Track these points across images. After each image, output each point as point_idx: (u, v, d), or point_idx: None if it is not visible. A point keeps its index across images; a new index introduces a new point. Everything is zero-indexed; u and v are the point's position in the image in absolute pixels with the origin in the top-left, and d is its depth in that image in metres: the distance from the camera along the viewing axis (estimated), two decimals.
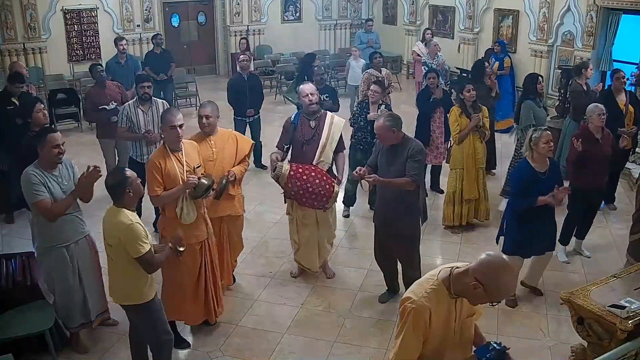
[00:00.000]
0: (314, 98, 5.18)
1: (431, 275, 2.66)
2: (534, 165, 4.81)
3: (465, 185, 6.34)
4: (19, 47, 11.65)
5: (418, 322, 2.54)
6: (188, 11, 14.21)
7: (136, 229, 3.59)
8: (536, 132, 4.81)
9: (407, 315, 2.55)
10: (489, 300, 2.53)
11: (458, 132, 6.21)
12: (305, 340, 4.71)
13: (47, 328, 4.17)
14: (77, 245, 4.34)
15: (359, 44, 12.62)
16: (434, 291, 2.57)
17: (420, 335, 2.56)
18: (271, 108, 11.12)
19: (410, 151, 4.57)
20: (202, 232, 4.44)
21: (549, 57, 11.21)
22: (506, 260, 2.57)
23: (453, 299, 2.61)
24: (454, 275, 2.58)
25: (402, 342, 2.57)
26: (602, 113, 5.58)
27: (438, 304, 2.57)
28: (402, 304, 2.61)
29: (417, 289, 2.61)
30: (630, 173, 7.81)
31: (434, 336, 2.60)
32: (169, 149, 4.26)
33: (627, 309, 3.54)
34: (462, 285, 2.54)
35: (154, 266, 3.72)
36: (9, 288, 4.32)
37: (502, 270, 2.50)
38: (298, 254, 5.50)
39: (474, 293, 2.50)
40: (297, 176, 5.00)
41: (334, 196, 5.15)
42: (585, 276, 5.60)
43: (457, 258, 5.94)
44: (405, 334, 2.56)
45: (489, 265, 2.50)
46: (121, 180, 3.64)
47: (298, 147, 5.21)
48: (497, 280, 2.48)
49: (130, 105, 6.22)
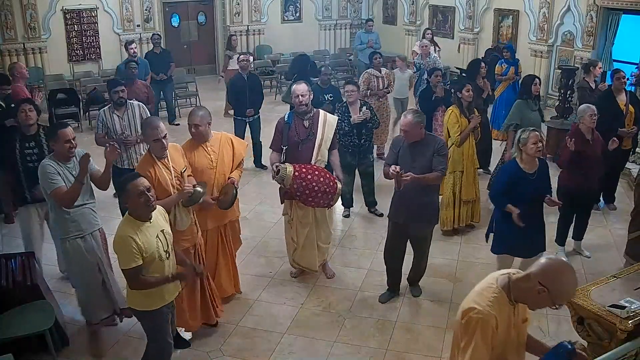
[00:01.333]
0: (305, 99, 5.17)
1: (489, 283, 2.66)
2: (523, 167, 4.74)
3: (464, 186, 6.32)
4: (19, 47, 11.65)
5: (486, 331, 2.54)
6: (188, 11, 14.21)
7: (125, 241, 3.44)
8: (524, 132, 4.75)
9: (475, 326, 2.55)
10: (552, 304, 2.54)
11: (459, 134, 6.17)
12: (305, 340, 4.71)
13: (47, 328, 4.16)
14: (92, 236, 4.49)
15: (359, 44, 12.63)
16: (496, 299, 2.58)
17: (489, 345, 2.57)
18: (271, 108, 11.11)
19: (437, 146, 4.75)
20: (195, 236, 4.44)
21: (549, 57, 11.22)
22: (567, 263, 2.60)
23: (512, 305, 2.63)
24: (513, 282, 2.60)
25: (473, 352, 2.55)
26: (593, 114, 5.59)
27: (500, 311, 2.58)
28: (466, 314, 2.59)
29: (479, 299, 2.60)
30: (630, 173, 7.81)
31: (498, 343, 2.61)
32: (155, 157, 4.20)
33: (627, 309, 3.54)
34: (524, 290, 2.56)
35: (140, 284, 3.56)
36: (9, 288, 4.33)
37: (566, 273, 2.52)
38: (296, 255, 5.48)
39: (538, 297, 2.52)
40: (302, 176, 4.98)
41: (338, 192, 5.17)
42: (585, 276, 5.60)
43: (457, 258, 5.95)
44: (475, 344, 2.55)
45: (552, 268, 2.52)
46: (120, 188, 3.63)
47: (294, 147, 5.20)
48: (561, 283, 2.50)
49: (105, 111, 6.09)
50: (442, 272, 5.70)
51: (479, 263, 5.81)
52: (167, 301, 3.79)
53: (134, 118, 6.07)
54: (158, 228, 3.64)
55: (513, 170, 4.78)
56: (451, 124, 6.22)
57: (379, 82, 8.24)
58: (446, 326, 4.82)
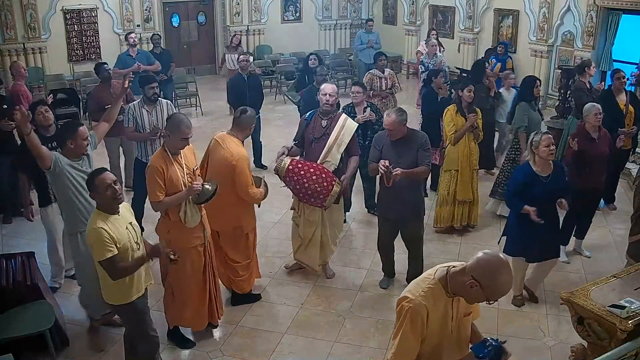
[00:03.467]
0: (332, 100, 5.23)
1: (428, 274, 2.65)
2: (536, 169, 4.75)
3: (459, 186, 6.28)
4: (19, 47, 11.66)
5: (415, 321, 2.53)
6: (188, 11, 14.21)
7: (98, 233, 3.51)
8: (537, 135, 4.76)
9: (405, 315, 2.55)
10: (485, 299, 2.51)
11: (454, 132, 6.15)
12: (305, 340, 4.71)
13: (47, 328, 4.16)
14: None
15: (359, 44, 12.64)
16: (430, 290, 2.57)
17: (418, 335, 2.56)
18: (271, 108, 11.12)
19: (421, 141, 4.88)
20: (203, 234, 4.44)
21: (549, 57, 11.23)
22: (503, 259, 2.54)
23: (450, 298, 2.60)
24: (450, 274, 2.58)
25: (400, 341, 2.57)
26: (598, 112, 5.58)
27: (435, 303, 2.56)
28: (399, 303, 2.60)
29: (414, 288, 2.61)
30: (630, 173, 7.80)
31: (431, 335, 2.59)
32: (170, 152, 4.21)
33: (627, 309, 3.54)
34: (459, 284, 2.54)
35: (117, 273, 3.60)
36: (9, 288, 4.33)
37: (500, 269, 2.48)
38: (299, 253, 5.49)
39: (471, 291, 2.49)
40: (295, 171, 5.02)
41: (333, 195, 5.10)
42: (585, 276, 5.60)
43: (457, 258, 5.94)
44: (403, 333, 2.56)
45: (486, 263, 2.49)
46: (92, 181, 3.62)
47: (308, 144, 5.29)
48: (494, 279, 2.46)
49: (135, 105, 6.19)
50: None
51: None
52: (141, 292, 3.84)
53: (162, 114, 6.14)
54: (126, 220, 3.73)
55: (526, 172, 4.78)
56: (446, 122, 6.26)
57: (382, 82, 8.24)
58: None
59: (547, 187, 4.74)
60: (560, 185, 4.82)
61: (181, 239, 4.27)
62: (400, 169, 4.68)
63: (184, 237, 4.28)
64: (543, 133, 4.78)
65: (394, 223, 5.15)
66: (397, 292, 5.28)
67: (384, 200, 5.14)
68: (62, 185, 4.36)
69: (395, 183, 4.71)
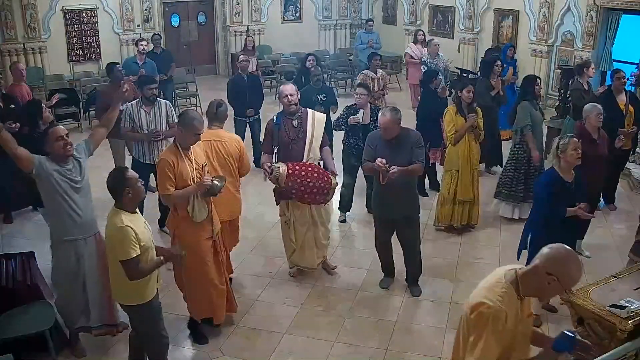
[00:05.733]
0: (294, 99, 5.23)
1: (497, 279, 2.69)
2: (563, 175, 4.58)
3: (459, 186, 6.28)
4: (19, 47, 11.64)
5: (497, 326, 2.57)
6: (188, 11, 14.20)
7: (126, 232, 3.53)
8: (563, 139, 4.61)
9: (486, 321, 2.58)
10: (562, 291, 2.64)
11: (454, 133, 6.14)
12: (305, 340, 4.71)
13: (47, 328, 4.17)
14: (86, 242, 4.28)
15: (359, 44, 12.63)
16: (505, 294, 2.62)
17: (500, 339, 2.60)
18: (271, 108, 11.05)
19: (414, 139, 4.93)
20: (211, 229, 4.49)
21: (549, 57, 11.22)
22: (567, 247, 2.64)
23: (519, 299, 2.66)
24: (520, 276, 2.65)
25: (484, 347, 2.58)
26: (599, 113, 5.57)
27: (510, 306, 2.61)
28: (476, 309, 2.61)
29: (490, 294, 2.63)
30: (630, 173, 7.81)
31: (506, 338, 2.64)
32: (181, 147, 4.28)
33: (627, 309, 3.54)
34: (534, 283, 2.61)
35: (137, 274, 3.61)
36: (9, 288, 4.33)
37: (569, 258, 2.60)
38: (294, 256, 5.49)
39: (549, 287, 2.58)
40: (296, 173, 5.02)
41: (333, 187, 5.20)
42: (585, 276, 5.58)
43: (458, 258, 5.95)
44: (486, 339, 2.58)
45: (557, 256, 2.59)
46: (120, 182, 3.63)
47: (285, 147, 5.26)
48: (568, 268, 2.57)
49: (133, 105, 6.13)
50: (442, 272, 5.69)
51: (479, 263, 5.81)
52: (155, 291, 3.87)
53: (159, 115, 6.11)
54: (142, 219, 3.78)
55: (555, 181, 4.57)
56: (446, 122, 6.25)
57: (375, 83, 8.23)
58: (446, 326, 4.82)
59: (573, 194, 4.59)
60: (582, 191, 4.69)
61: (190, 233, 4.35)
62: (395, 167, 4.71)
63: (193, 232, 4.36)
64: (569, 136, 4.64)
65: (390, 222, 5.17)
66: (397, 292, 5.33)
67: (378, 199, 5.15)
68: (47, 190, 4.14)
69: (389, 182, 4.74)
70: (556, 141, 4.71)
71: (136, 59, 9.86)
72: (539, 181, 5.08)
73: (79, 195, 4.19)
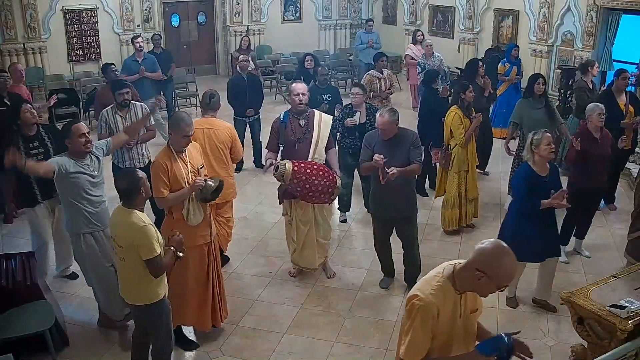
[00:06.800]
0: (304, 98, 5.24)
1: (436, 272, 2.69)
2: (536, 169, 4.71)
3: (469, 185, 6.36)
4: (19, 47, 11.64)
5: (426, 318, 2.57)
6: (188, 11, 14.20)
7: (150, 230, 3.61)
8: (536, 134, 4.70)
9: (416, 313, 2.58)
10: (495, 287, 2.55)
11: (464, 135, 6.13)
12: (305, 340, 4.71)
13: (47, 328, 4.17)
14: (104, 233, 4.48)
15: (359, 44, 12.63)
16: (440, 288, 2.61)
17: (428, 332, 2.60)
18: (271, 108, 11.11)
19: (412, 139, 4.95)
20: (208, 234, 4.45)
21: (549, 57, 11.21)
22: (501, 244, 2.58)
23: (458, 294, 2.64)
24: (456, 271, 2.62)
25: (412, 338, 2.60)
26: (602, 112, 5.57)
27: (445, 300, 2.60)
28: (410, 301, 2.63)
29: (424, 287, 2.64)
30: (630, 173, 7.81)
31: (441, 331, 2.63)
32: (174, 150, 4.25)
33: (627, 309, 3.54)
34: (466, 279, 2.57)
35: (162, 269, 3.70)
36: (9, 288, 4.33)
37: (501, 254, 2.53)
38: (295, 255, 5.49)
39: (480, 284, 2.53)
40: (302, 171, 5.00)
41: (338, 187, 5.21)
42: (585, 276, 5.60)
43: (458, 258, 5.91)
44: (414, 330, 2.59)
45: (486, 252, 2.53)
46: (135, 182, 3.65)
47: (290, 146, 5.26)
48: (498, 266, 2.51)
49: (108, 111, 5.97)
50: None
51: None
52: (167, 289, 3.90)
53: (136, 118, 6.04)
54: None
55: (529, 175, 4.72)
56: (455, 126, 6.18)
57: (382, 83, 8.24)
58: None
59: (547, 187, 4.70)
60: (557, 186, 4.79)
61: (185, 237, 4.22)
62: (395, 167, 4.71)
63: (188, 236, 4.25)
64: (542, 131, 4.72)
65: (388, 221, 5.18)
66: (397, 292, 5.34)
67: (377, 199, 5.16)
68: (66, 187, 4.37)
69: (387, 182, 4.75)
70: (530, 136, 4.78)
71: (135, 57, 9.82)
72: (515, 175, 5.34)
73: (96, 189, 4.45)
